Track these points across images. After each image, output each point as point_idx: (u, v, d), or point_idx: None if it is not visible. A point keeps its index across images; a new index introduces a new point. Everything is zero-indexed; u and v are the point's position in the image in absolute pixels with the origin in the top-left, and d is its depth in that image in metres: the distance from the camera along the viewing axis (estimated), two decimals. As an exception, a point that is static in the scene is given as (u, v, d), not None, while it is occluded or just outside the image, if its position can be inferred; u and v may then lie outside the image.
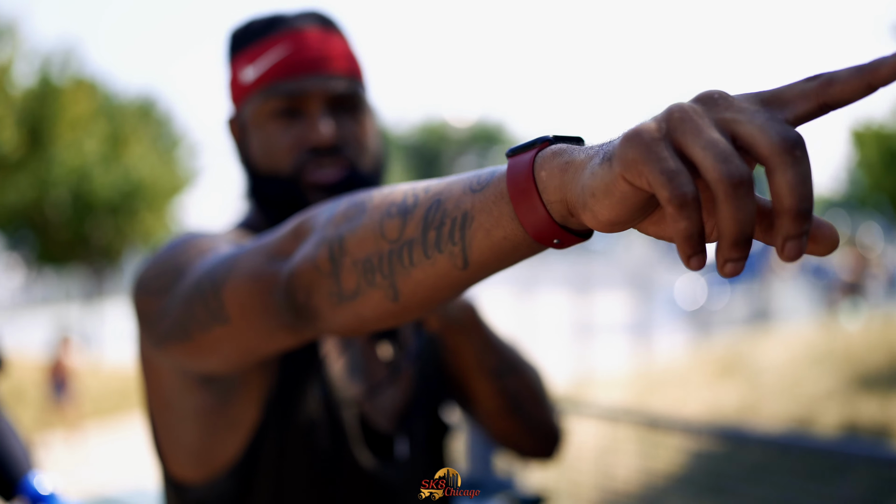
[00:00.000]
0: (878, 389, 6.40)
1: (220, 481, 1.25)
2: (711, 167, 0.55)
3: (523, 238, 0.71)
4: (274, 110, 1.29)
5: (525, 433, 1.46)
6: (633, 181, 0.59)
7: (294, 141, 1.29)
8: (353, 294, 0.85)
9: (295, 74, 1.28)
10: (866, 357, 7.26)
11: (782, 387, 6.94)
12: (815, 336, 8.49)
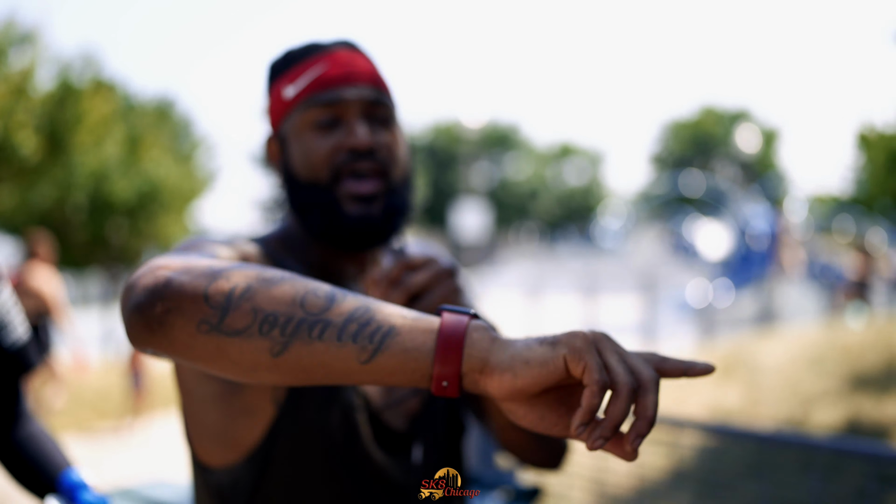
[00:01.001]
0: (878, 390, 6.48)
1: (238, 467, 1.33)
2: (621, 374, 0.84)
3: (424, 371, 0.88)
4: (314, 120, 1.38)
5: (535, 445, 1.50)
6: (570, 363, 0.85)
7: (333, 146, 1.37)
8: (234, 332, 0.89)
9: (332, 86, 1.38)
10: (867, 358, 7.33)
11: (783, 387, 7.02)
12: (819, 337, 8.55)
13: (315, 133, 1.38)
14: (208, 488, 1.37)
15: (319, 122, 1.38)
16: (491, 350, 0.87)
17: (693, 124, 58.04)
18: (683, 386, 7.51)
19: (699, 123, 57.74)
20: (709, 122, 57.62)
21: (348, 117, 1.38)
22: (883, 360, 7.22)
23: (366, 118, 1.39)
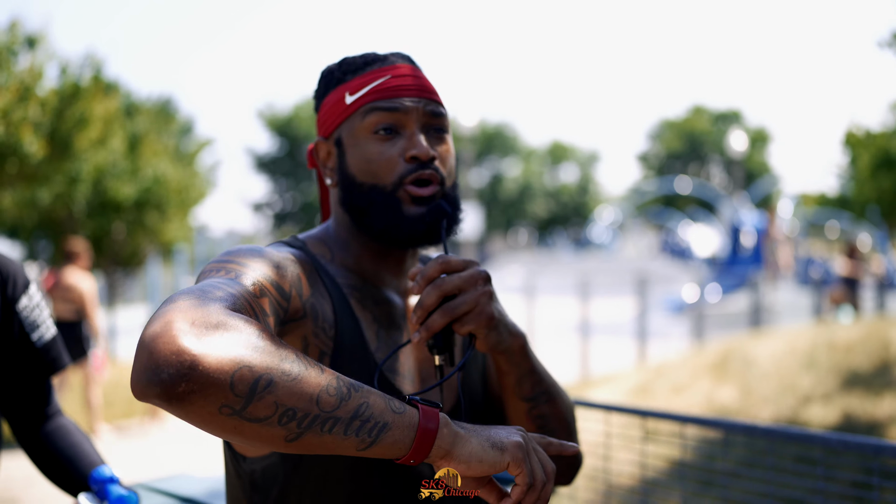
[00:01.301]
0: (870, 388, 6.62)
1: (271, 457, 1.39)
2: (539, 475, 1.15)
3: (402, 455, 1.10)
4: (375, 124, 1.43)
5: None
6: (512, 467, 1.12)
7: (397, 153, 1.43)
8: (255, 419, 0.98)
9: (395, 95, 1.44)
10: (859, 356, 7.45)
11: (777, 384, 7.15)
12: (810, 336, 8.67)
13: (376, 139, 1.44)
14: (241, 478, 1.44)
15: (380, 128, 1.43)
16: (454, 444, 1.12)
17: (683, 123, 58.18)
18: (680, 384, 7.64)
19: (689, 123, 57.88)
20: (699, 122, 57.76)
21: (409, 127, 1.44)
22: (874, 359, 7.34)
23: (424, 128, 1.46)
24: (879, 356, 7.34)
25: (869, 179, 16.67)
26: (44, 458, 2.08)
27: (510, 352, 1.42)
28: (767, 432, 2.38)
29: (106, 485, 1.90)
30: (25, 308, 2.04)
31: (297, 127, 48.02)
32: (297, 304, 1.35)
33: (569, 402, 1.57)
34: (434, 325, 1.33)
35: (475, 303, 1.34)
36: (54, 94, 10.75)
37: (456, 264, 1.35)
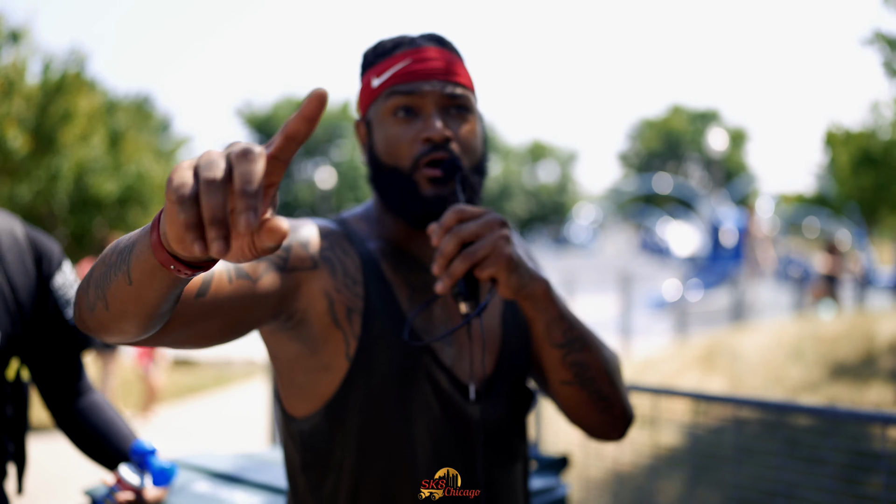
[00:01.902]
0: (856, 378, 6.75)
1: (317, 414, 1.48)
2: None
3: (153, 261, 0.96)
4: (394, 107, 1.50)
5: (591, 407, 1.56)
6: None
7: (413, 136, 1.49)
8: (92, 306, 1.11)
9: (412, 79, 1.50)
10: (844, 348, 7.59)
11: (765, 375, 7.26)
12: (796, 329, 8.81)
13: (395, 121, 1.50)
14: (292, 437, 1.53)
15: (399, 111, 1.50)
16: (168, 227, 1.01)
17: (662, 123, 58.56)
18: (669, 377, 7.75)
19: (668, 122, 58.26)
20: (678, 121, 58.16)
21: (427, 109, 1.49)
22: (860, 351, 7.48)
23: (442, 110, 1.50)
24: (864, 348, 7.48)
25: (848, 178, 16.90)
26: (79, 434, 2.14)
27: (534, 297, 1.44)
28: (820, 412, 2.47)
29: (146, 456, 1.97)
30: (60, 285, 2.09)
31: (275, 125, 47.95)
32: (303, 254, 1.44)
33: (609, 352, 1.58)
34: (456, 271, 1.33)
35: (493, 246, 1.35)
36: (38, 88, 10.77)
37: (472, 212, 1.37)
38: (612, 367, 1.56)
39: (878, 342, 7.52)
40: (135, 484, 1.93)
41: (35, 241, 2.08)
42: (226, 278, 1.32)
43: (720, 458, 4.58)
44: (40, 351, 2.11)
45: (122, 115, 15.95)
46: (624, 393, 1.59)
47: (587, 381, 1.52)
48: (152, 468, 1.97)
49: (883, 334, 7.75)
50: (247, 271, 1.35)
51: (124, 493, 1.91)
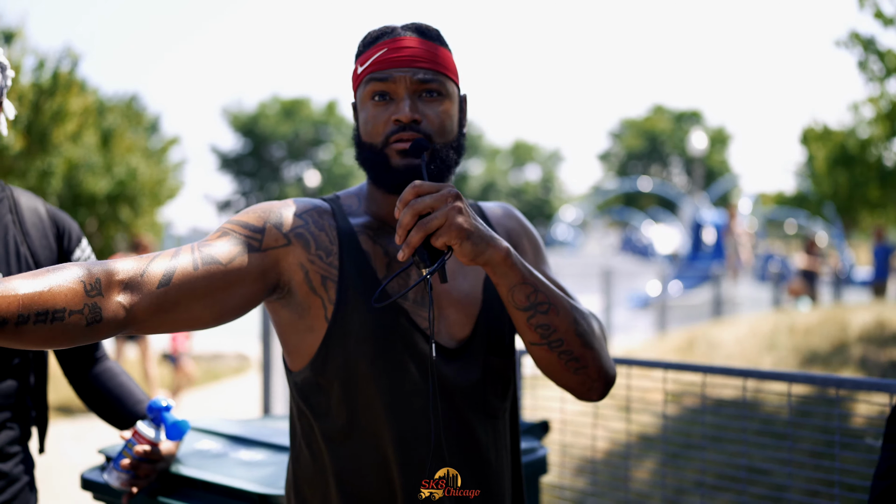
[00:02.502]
0: (827, 366, 6.97)
1: (306, 370, 1.69)
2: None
3: None
4: (371, 92, 1.68)
5: (562, 367, 1.66)
6: None
7: (385, 118, 1.67)
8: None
9: (386, 67, 1.68)
10: (816, 338, 7.82)
11: (740, 365, 7.49)
12: (771, 322, 9.02)
13: (373, 104, 1.68)
14: (294, 387, 1.75)
15: (375, 95, 1.68)
16: None
17: (644, 122, 58.84)
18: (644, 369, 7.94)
19: (650, 122, 58.54)
20: (660, 121, 58.44)
21: (399, 93, 1.67)
22: (832, 340, 7.71)
23: (414, 94, 1.67)
24: (837, 337, 7.71)
25: (826, 177, 17.15)
26: (94, 397, 2.33)
27: (493, 263, 1.53)
28: (780, 376, 2.68)
29: (161, 412, 2.14)
30: (79, 258, 2.28)
31: (261, 126, 47.93)
32: (275, 234, 1.64)
33: (583, 315, 1.68)
34: (412, 241, 1.46)
35: (445, 217, 1.46)
36: (32, 88, 10.89)
37: (428, 187, 1.49)
38: (583, 330, 1.65)
39: (850, 332, 7.75)
40: (151, 437, 2.11)
41: (56, 219, 2.28)
42: (191, 267, 1.53)
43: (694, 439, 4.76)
44: None
45: (114, 115, 16.01)
46: (600, 355, 1.68)
47: (554, 342, 1.62)
48: (167, 423, 2.13)
49: (854, 325, 7.98)
50: (216, 257, 1.56)
51: (141, 445, 2.09)
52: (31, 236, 2.21)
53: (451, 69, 1.74)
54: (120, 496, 2.23)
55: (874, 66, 9.91)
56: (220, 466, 2.24)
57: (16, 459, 2.20)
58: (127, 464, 2.04)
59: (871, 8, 9.02)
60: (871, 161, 13.83)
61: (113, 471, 2.07)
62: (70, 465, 6.40)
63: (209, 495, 2.14)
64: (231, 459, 2.32)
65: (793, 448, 4.13)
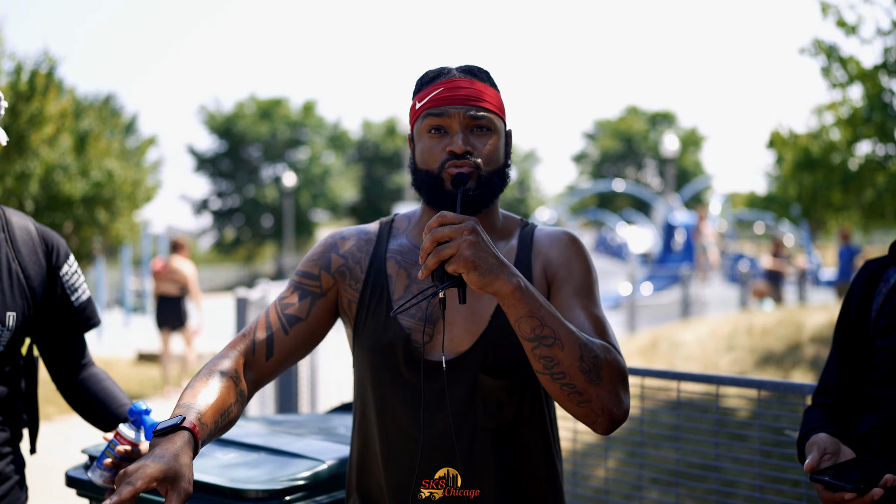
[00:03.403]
0: (780, 366, 7.23)
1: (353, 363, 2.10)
2: None
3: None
4: (429, 126, 1.93)
5: (565, 399, 1.73)
6: None
7: (441, 148, 1.92)
8: None
9: (442, 104, 1.92)
10: (773, 339, 8.07)
11: (699, 365, 7.73)
12: (733, 323, 9.26)
13: (429, 137, 1.94)
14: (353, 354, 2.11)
15: (431, 129, 1.93)
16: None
17: (618, 123, 59.05)
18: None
19: (625, 122, 58.75)
20: (634, 122, 58.67)
21: (453, 128, 1.91)
22: (788, 341, 7.97)
23: (466, 129, 1.92)
24: (793, 338, 7.96)
25: (790, 179, 17.41)
26: (80, 401, 2.51)
27: (501, 294, 1.64)
28: (734, 382, 2.89)
29: (141, 415, 2.24)
30: (66, 274, 2.47)
31: (238, 126, 47.74)
32: (327, 277, 2.05)
33: (590, 352, 1.72)
34: (429, 264, 1.62)
35: (457, 247, 1.60)
36: (9, 91, 10.97)
37: (451, 218, 1.64)
38: (589, 366, 1.70)
39: (805, 333, 8.01)
40: (132, 438, 2.26)
41: (45, 236, 2.46)
42: (282, 332, 1.98)
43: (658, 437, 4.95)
44: (49, 331, 2.48)
45: (90, 117, 16.05)
46: (608, 392, 1.73)
47: (557, 374, 1.69)
48: (146, 425, 2.23)
49: (809, 326, 8.24)
50: (296, 314, 2.00)
51: (123, 446, 2.17)
52: (21, 254, 2.39)
53: (499, 107, 2.00)
54: (103, 493, 2.42)
55: (837, 72, 10.17)
56: (196, 464, 2.44)
57: (7, 459, 2.38)
58: (109, 463, 2.19)
59: (834, 16, 9.30)
60: (834, 165, 14.09)
61: (96, 469, 2.19)
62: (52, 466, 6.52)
63: (188, 491, 2.33)
64: (206, 457, 2.52)
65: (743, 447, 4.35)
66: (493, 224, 2.05)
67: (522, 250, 2.01)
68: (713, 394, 3.16)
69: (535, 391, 1.94)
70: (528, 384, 1.92)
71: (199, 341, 11.96)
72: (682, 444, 4.64)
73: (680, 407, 3.20)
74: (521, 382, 1.91)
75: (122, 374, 11.36)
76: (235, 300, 6.03)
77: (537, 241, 2.03)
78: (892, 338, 2.00)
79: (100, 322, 2.59)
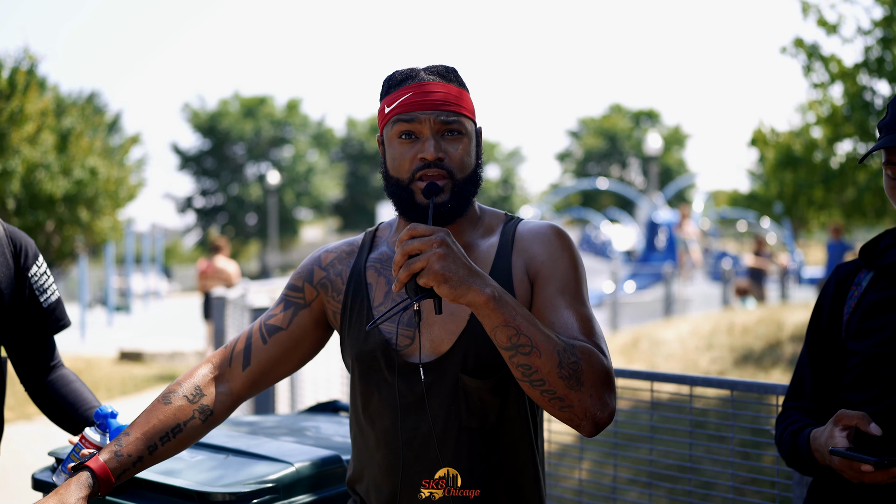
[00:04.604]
0: (759, 364, 7.26)
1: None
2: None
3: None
4: (399, 132, 1.88)
5: (547, 404, 1.72)
6: None
7: (412, 155, 1.86)
8: None
9: (412, 109, 1.86)
10: (752, 337, 8.10)
11: (679, 363, 7.75)
12: (713, 321, 9.30)
13: (400, 143, 1.88)
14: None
15: (402, 134, 1.87)
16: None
17: (602, 121, 59.11)
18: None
19: (609, 120, 58.81)
20: (618, 120, 58.75)
21: (424, 133, 1.86)
22: (768, 339, 8.00)
23: (437, 134, 1.86)
24: (773, 336, 8.00)
25: (773, 178, 17.48)
26: (48, 403, 2.48)
27: (474, 305, 1.64)
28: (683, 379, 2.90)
29: (107, 419, 2.23)
30: (35, 275, 2.44)
31: (222, 124, 47.61)
32: (310, 289, 2.06)
33: (569, 358, 1.69)
34: (401, 277, 1.63)
35: (426, 260, 1.60)
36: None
37: (421, 231, 1.64)
38: (568, 373, 1.68)
39: (784, 331, 8.05)
40: (97, 441, 2.23)
41: (13, 237, 2.43)
42: (261, 341, 2.02)
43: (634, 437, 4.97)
44: (17, 333, 2.46)
45: (72, 115, 15.94)
46: (589, 397, 1.70)
47: (536, 381, 1.68)
48: (111, 429, 2.21)
49: (788, 324, 8.28)
50: (277, 324, 2.03)
51: (88, 450, 2.16)
52: None
53: (469, 109, 1.95)
54: None
55: (818, 71, 10.20)
56: (162, 465, 2.43)
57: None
58: (73, 467, 2.20)
59: (815, 15, 9.33)
60: (815, 163, 14.16)
61: (62, 473, 2.16)
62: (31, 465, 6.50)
63: (154, 494, 2.31)
64: (174, 460, 2.51)
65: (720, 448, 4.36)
66: (472, 224, 2.00)
67: (503, 247, 1.95)
68: (688, 394, 3.17)
69: (519, 390, 1.90)
70: (511, 383, 1.88)
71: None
72: (658, 445, 4.65)
73: (655, 408, 3.20)
74: (503, 381, 1.88)
75: (104, 373, 11.32)
76: (212, 299, 6.01)
77: (519, 237, 1.96)
78: (864, 342, 1.99)
79: (70, 323, 2.57)
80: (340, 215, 54.19)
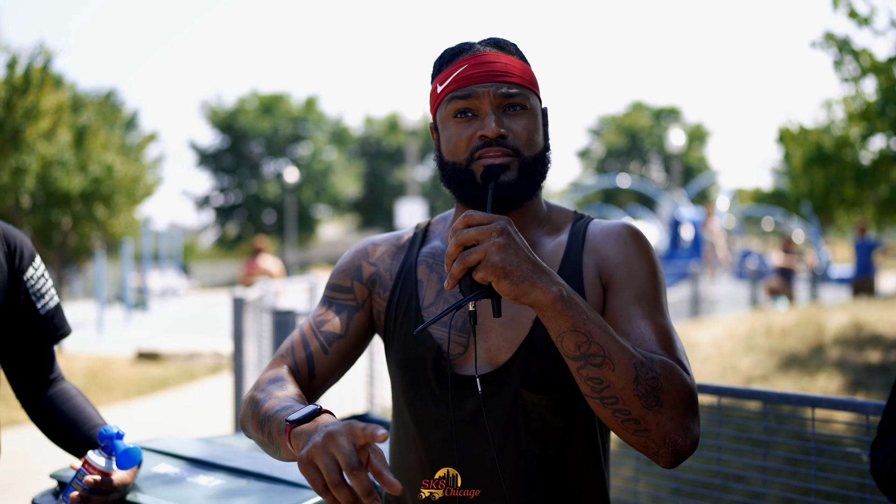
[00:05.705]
0: (804, 368, 6.97)
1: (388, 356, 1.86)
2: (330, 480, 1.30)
3: (286, 456, 1.47)
4: (454, 110, 1.65)
5: (619, 426, 1.47)
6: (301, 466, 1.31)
7: (469, 135, 1.64)
8: (251, 436, 1.65)
9: (468, 83, 1.64)
10: (793, 340, 7.81)
11: (718, 367, 7.46)
12: (749, 322, 9.02)
13: (455, 122, 1.66)
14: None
15: (458, 113, 1.65)
16: (298, 440, 1.39)
17: (623, 119, 58.86)
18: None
19: (630, 118, 58.57)
20: (639, 118, 58.49)
21: (483, 109, 1.64)
22: (809, 342, 7.70)
23: (498, 109, 1.64)
24: (815, 339, 7.70)
25: (802, 175, 17.17)
26: (47, 421, 2.21)
27: (539, 305, 1.41)
28: (756, 394, 2.62)
29: (113, 440, 2.03)
30: (31, 278, 2.17)
31: (240, 122, 47.63)
32: (361, 288, 1.82)
33: (648, 374, 1.45)
34: (454, 272, 1.40)
35: (484, 252, 1.38)
36: (4, 85, 10.76)
37: (479, 219, 1.42)
38: (646, 390, 1.44)
39: (826, 334, 7.75)
40: (101, 466, 2.00)
41: (7, 236, 2.16)
42: (322, 352, 1.75)
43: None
44: (11, 342, 2.19)
45: (89, 111, 15.80)
46: (669, 420, 1.45)
47: (608, 399, 1.44)
48: (117, 451, 2.02)
49: (831, 326, 7.98)
50: (335, 331, 1.77)
51: (91, 476, 1.97)
52: None
53: (533, 82, 1.71)
54: None
55: (849, 66, 9.91)
56: (177, 492, 2.16)
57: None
58: (76, 496, 1.94)
59: (846, 8, 9.01)
60: (846, 160, 13.85)
61: (62, 502, 1.97)
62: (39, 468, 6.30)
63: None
64: (188, 485, 2.23)
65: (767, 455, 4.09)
66: (538, 219, 1.75)
67: (572, 247, 1.71)
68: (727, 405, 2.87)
69: (588, 409, 1.65)
70: (578, 401, 1.64)
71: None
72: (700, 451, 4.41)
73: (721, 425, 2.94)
74: (569, 398, 1.64)
75: (120, 374, 11.13)
76: (232, 300, 5.77)
77: (591, 236, 1.72)
78: None
79: (70, 332, 2.30)
80: (359, 213, 54.06)
